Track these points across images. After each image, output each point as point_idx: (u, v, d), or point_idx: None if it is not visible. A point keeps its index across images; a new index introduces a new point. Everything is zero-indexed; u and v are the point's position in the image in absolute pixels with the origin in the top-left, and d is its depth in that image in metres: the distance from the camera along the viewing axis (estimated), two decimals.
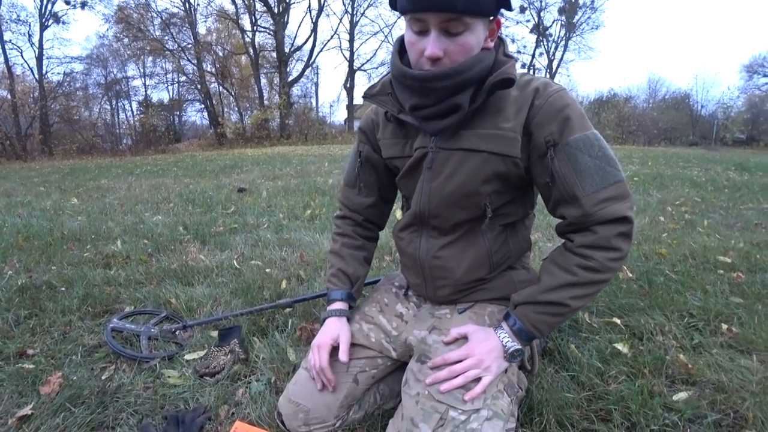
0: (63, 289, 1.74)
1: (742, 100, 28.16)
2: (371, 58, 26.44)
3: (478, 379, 0.77)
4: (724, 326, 1.45)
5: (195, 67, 20.56)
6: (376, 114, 0.98)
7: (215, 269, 1.95)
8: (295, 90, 23.88)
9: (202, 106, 22.39)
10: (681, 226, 2.85)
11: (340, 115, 38.69)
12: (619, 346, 1.31)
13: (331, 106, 34.20)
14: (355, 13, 22.60)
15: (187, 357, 1.25)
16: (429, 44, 0.73)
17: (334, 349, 0.91)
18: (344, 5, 23.10)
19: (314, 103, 28.27)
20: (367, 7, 22.46)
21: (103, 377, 1.17)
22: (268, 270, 1.93)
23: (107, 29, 22.66)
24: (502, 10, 0.76)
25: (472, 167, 0.83)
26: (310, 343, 1.28)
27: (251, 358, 1.24)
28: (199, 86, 20.86)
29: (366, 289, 1.60)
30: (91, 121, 20.30)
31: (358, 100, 33.56)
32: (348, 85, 25.76)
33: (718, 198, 4.14)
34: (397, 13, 0.78)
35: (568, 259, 0.81)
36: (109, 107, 22.97)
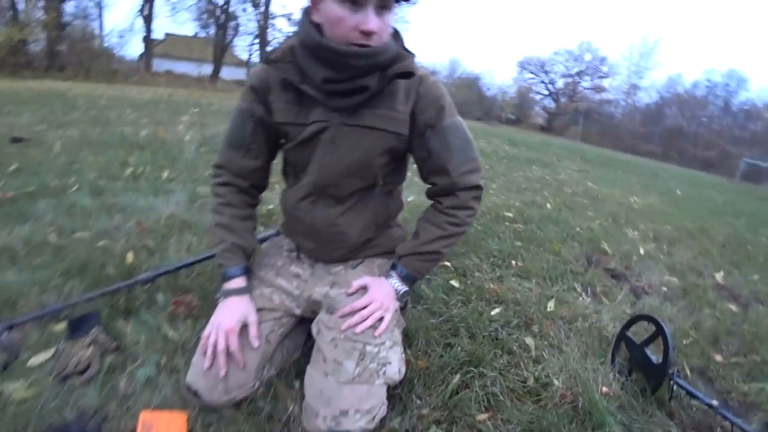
0: None
1: (515, 89, 36.97)
2: None
3: (381, 319, 0.95)
4: (514, 262, 2.03)
5: None
6: (267, 74, 0.97)
7: (22, 248, 1.55)
8: (69, 8, 18.38)
9: None
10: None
11: (133, 49, 31.89)
12: (453, 282, 1.71)
13: (121, 36, 27.40)
14: None
15: (33, 361, 1.04)
16: (370, 19, 0.80)
17: (241, 330, 0.94)
18: None
19: (98, 30, 22.39)
20: None
21: None
22: (101, 243, 1.64)
23: None
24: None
25: (370, 142, 0.95)
26: (192, 320, 1.23)
27: (124, 344, 1.12)
28: None
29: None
30: None
31: (158, 33, 28.06)
32: (145, 13, 21.24)
33: (500, 166, 5.36)
34: None
35: (438, 218, 1.04)
36: None
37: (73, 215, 1.88)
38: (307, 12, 0.87)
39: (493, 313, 1.52)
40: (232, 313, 0.95)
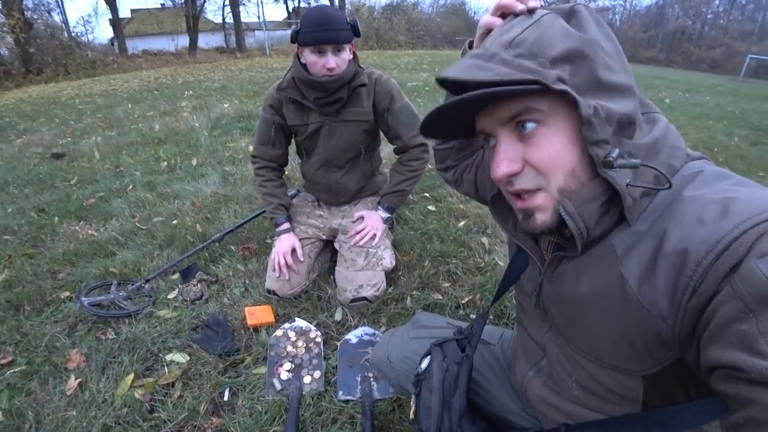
0: None
1: None
2: None
3: (374, 235, 1.58)
4: None
5: None
6: (279, 95, 1.52)
7: (122, 236, 2.19)
8: (27, 3, 17.83)
9: None
10: None
11: (102, 34, 31.02)
12: (430, 207, 2.31)
13: (86, 22, 26.67)
14: None
15: (170, 296, 1.70)
16: (329, 61, 1.33)
17: (293, 252, 1.58)
18: None
19: (61, 21, 21.83)
20: None
21: (111, 337, 1.46)
22: (174, 222, 2.28)
23: None
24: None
25: (351, 129, 1.52)
26: (256, 257, 1.88)
27: (220, 278, 1.77)
28: None
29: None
30: None
31: (125, 11, 27.07)
32: None
33: None
34: None
35: (400, 168, 1.62)
36: None
37: (144, 207, 2.51)
38: (297, 55, 1.40)
39: (459, 224, 2.14)
40: (285, 243, 1.58)
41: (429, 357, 0.80)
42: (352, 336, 1.41)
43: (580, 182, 0.50)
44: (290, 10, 27.25)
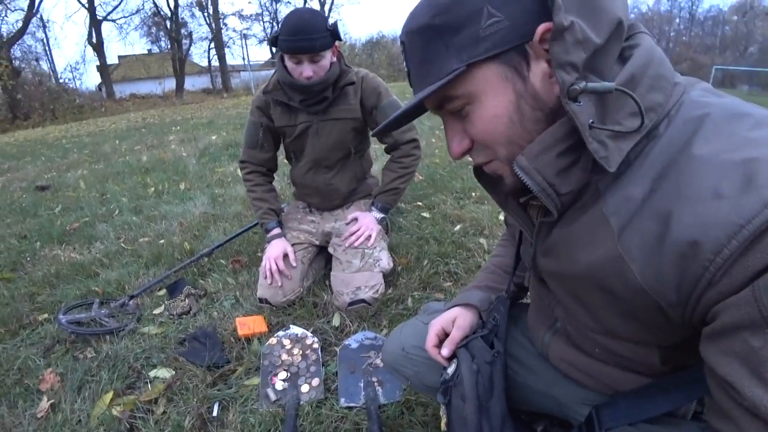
0: None
1: None
2: (119, 4, 21.81)
3: (369, 236, 1.52)
4: (473, 194, 2.59)
5: None
6: (266, 97, 1.51)
7: (106, 257, 2.09)
8: (15, 52, 18.17)
9: None
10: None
11: (89, 80, 31.54)
12: (424, 214, 2.27)
13: (74, 69, 27.17)
14: None
15: (156, 311, 1.60)
16: (305, 70, 1.33)
17: (285, 257, 1.51)
18: None
19: (49, 68, 22.23)
20: None
21: (90, 356, 1.36)
22: (161, 241, 2.19)
23: None
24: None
25: (340, 127, 1.50)
26: (247, 269, 1.80)
27: (209, 292, 1.68)
28: None
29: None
30: None
31: (112, 58, 27.60)
32: (95, 41, 21.00)
33: None
34: None
35: (392, 166, 1.59)
36: None
37: (130, 229, 2.42)
38: (281, 57, 1.39)
39: (455, 228, 2.09)
40: (276, 248, 1.51)
41: (455, 362, 0.72)
42: (352, 341, 1.32)
43: (531, 140, 0.47)
44: (273, 51, 28.10)
